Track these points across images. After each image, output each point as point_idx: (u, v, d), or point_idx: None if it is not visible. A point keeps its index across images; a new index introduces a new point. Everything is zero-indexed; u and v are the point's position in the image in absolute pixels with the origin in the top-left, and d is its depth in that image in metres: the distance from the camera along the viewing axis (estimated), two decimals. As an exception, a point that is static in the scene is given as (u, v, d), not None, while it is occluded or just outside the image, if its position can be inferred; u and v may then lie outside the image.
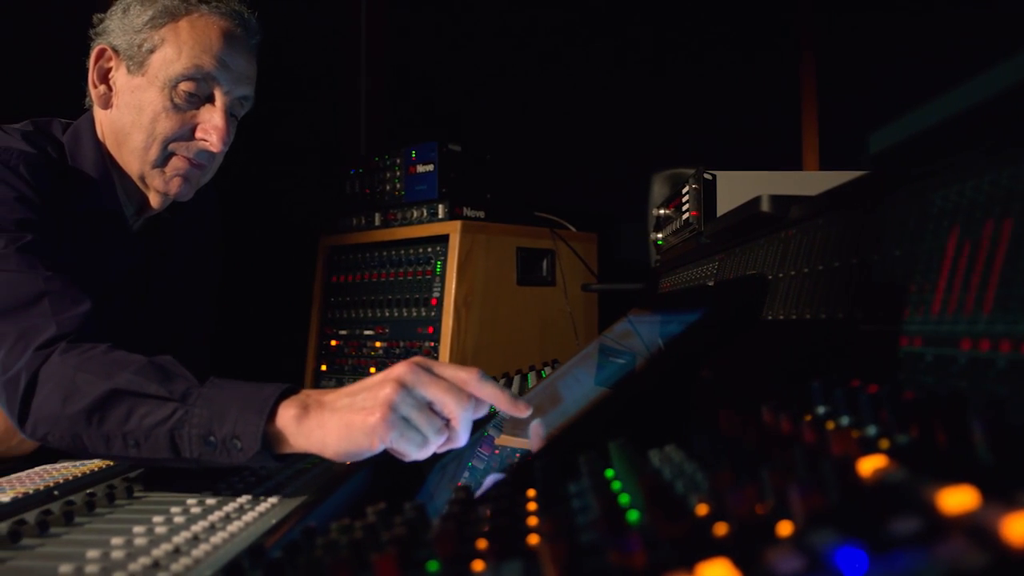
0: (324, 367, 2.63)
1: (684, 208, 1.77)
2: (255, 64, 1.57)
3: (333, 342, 2.62)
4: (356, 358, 2.54)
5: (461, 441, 1.03)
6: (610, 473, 0.69)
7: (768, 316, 1.04)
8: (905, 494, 0.41)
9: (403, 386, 0.99)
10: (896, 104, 2.22)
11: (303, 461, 1.26)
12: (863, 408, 0.59)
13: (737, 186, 1.68)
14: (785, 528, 0.42)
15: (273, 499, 1.06)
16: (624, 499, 0.59)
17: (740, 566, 0.39)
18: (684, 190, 1.78)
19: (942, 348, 0.64)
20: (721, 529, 0.45)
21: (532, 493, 0.69)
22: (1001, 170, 0.63)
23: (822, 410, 0.64)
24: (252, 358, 2.83)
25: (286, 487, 1.13)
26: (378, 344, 2.48)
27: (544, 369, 1.93)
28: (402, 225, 2.49)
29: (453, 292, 2.29)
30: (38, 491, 1.08)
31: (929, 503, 0.39)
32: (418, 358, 1.03)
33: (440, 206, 2.39)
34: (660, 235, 2.13)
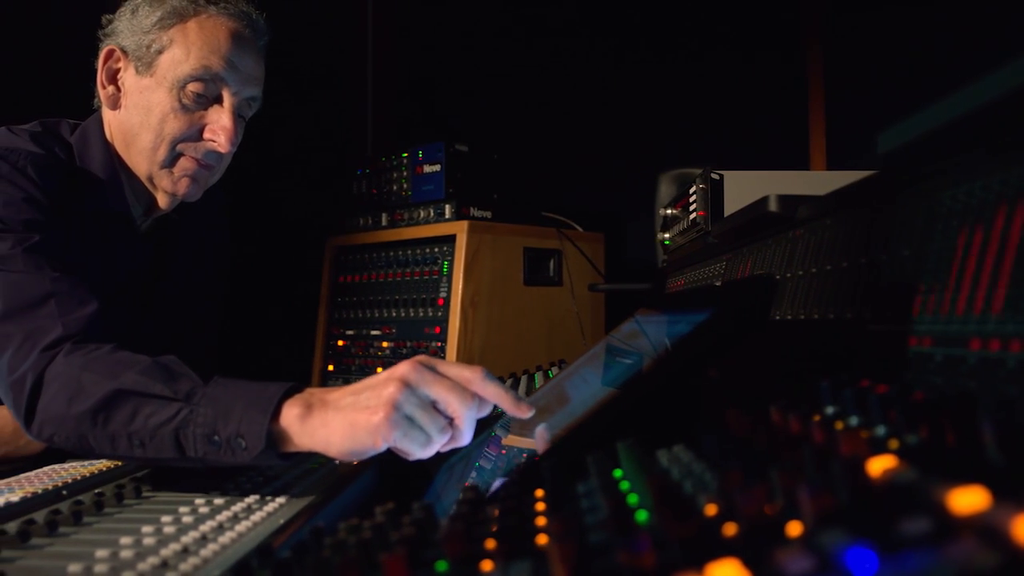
0: (331, 367, 2.64)
1: (691, 208, 1.77)
2: (263, 65, 1.57)
3: (340, 342, 2.62)
4: (363, 358, 2.54)
5: (465, 440, 1.03)
6: (618, 473, 0.69)
7: (776, 316, 1.04)
8: (915, 494, 0.41)
9: (407, 385, 0.99)
10: (904, 103, 2.21)
11: (310, 461, 1.26)
12: (872, 408, 0.59)
13: (744, 186, 1.67)
14: (795, 528, 0.42)
15: (281, 499, 1.06)
16: (633, 499, 0.59)
17: (750, 566, 0.39)
18: (691, 190, 1.78)
19: (952, 348, 0.63)
20: (730, 529, 0.45)
21: (540, 493, 0.69)
22: (1011, 169, 0.63)
23: (831, 410, 0.64)
24: (259, 358, 2.84)
25: (294, 487, 1.13)
26: (385, 344, 2.48)
27: (551, 369, 1.93)
28: (409, 225, 2.49)
29: (460, 292, 2.29)
30: (47, 491, 1.08)
31: (939, 503, 0.39)
32: (422, 357, 1.03)
33: (447, 206, 2.39)
34: (667, 235, 2.12)
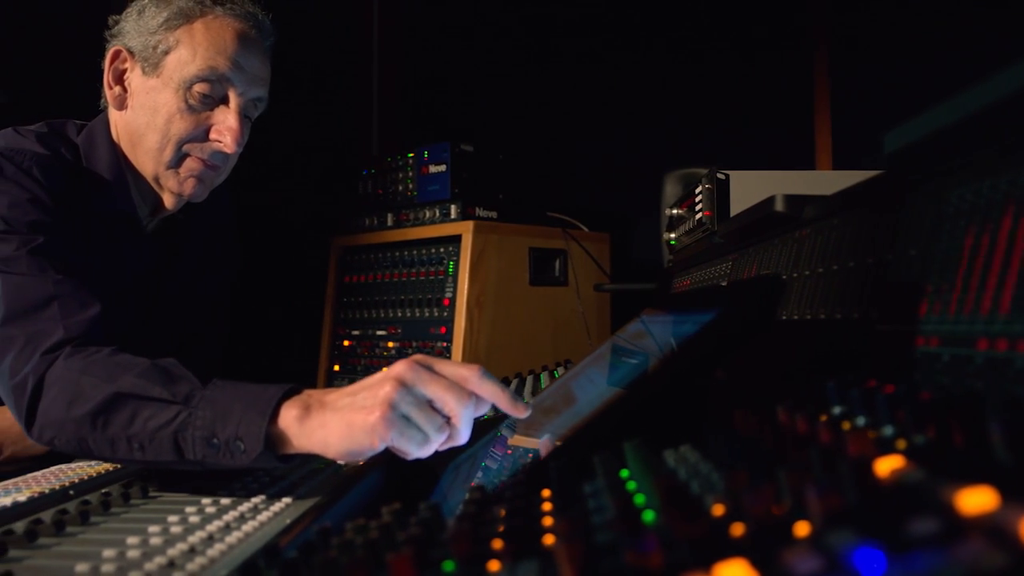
0: (337, 367, 2.64)
1: (697, 208, 1.77)
2: (269, 66, 1.57)
3: (346, 342, 2.63)
4: (369, 358, 2.54)
5: (462, 439, 1.03)
6: (625, 473, 0.69)
7: (783, 316, 1.04)
8: (923, 495, 0.41)
9: (403, 384, 0.99)
10: (910, 103, 2.20)
11: (315, 462, 1.26)
12: (879, 408, 0.59)
13: (750, 186, 1.67)
14: (802, 529, 0.42)
15: (287, 499, 1.06)
16: (640, 499, 0.59)
17: (758, 566, 0.39)
18: (697, 190, 1.77)
19: (959, 348, 0.63)
20: (738, 529, 0.45)
21: (547, 493, 0.69)
22: (1019, 169, 0.63)
23: (838, 410, 0.64)
24: (265, 358, 2.85)
25: (300, 487, 1.13)
26: (391, 344, 2.49)
27: (557, 369, 1.93)
28: (414, 225, 2.49)
29: (465, 292, 2.29)
30: (54, 491, 1.08)
31: (947, 504, 0.39)
32: (419, 356, 1.03)
33: (452, 206, 2.39)
34: (673, 235, 2.12)
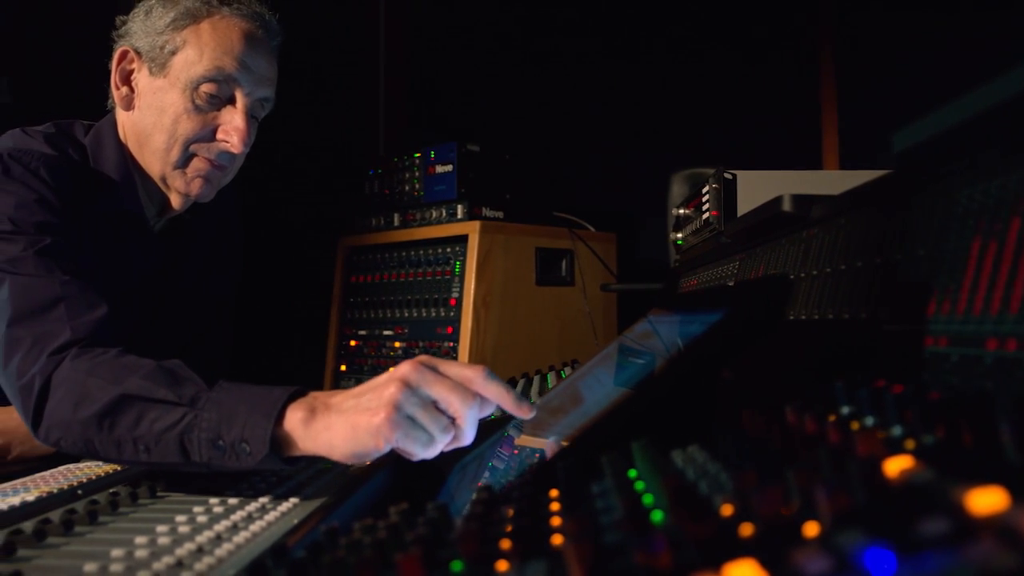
0: (343, 367, 2.64)
1: (704, 208, 1.77)
2: (276, 66, 1.57)
3: (352, 342, 2.63)
4: (375, 358, 2.55)
5: (467, 439, 1.03)
6: (633, 473, 0.69)
7: (790, 316, 1.03)
8: (933, 495, 0.41)
9: (407, 385, 0.99)
10: (916, 103, 2.20)
11: (321, 462, 1.26)
12: (888, 408, 0.58)
13: (757, 186, 1.67)
14: (812, 529, 0.42)
15: (294, 499, 1.06)
16: (648, 499, 0.59)
17: (767, 567, 0.39)
18: (704, 190, 1.77)
19: (968, 348, 0.63)
20: (747, 530, 0.45)
21: (555, 493, 0.69)
22: (1028, 168, 0.62)
23: (846, 410, 0.63)
24: (272, 358, 2.85)
25: (307, 487, 1.13)
26: (397, 344, 2.49)
27: (563, 369, 1.93)
28: (421, 225, 2.49)
29: (472, 292, 2.29)
30: (62, 490, 1.08)
31: (957, 504, 0.39)
32: (423, 357, 1.03)
33: (459, 206, 2.39)
34: (680, 235, 2.12)
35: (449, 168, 2.44)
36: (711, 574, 0.39)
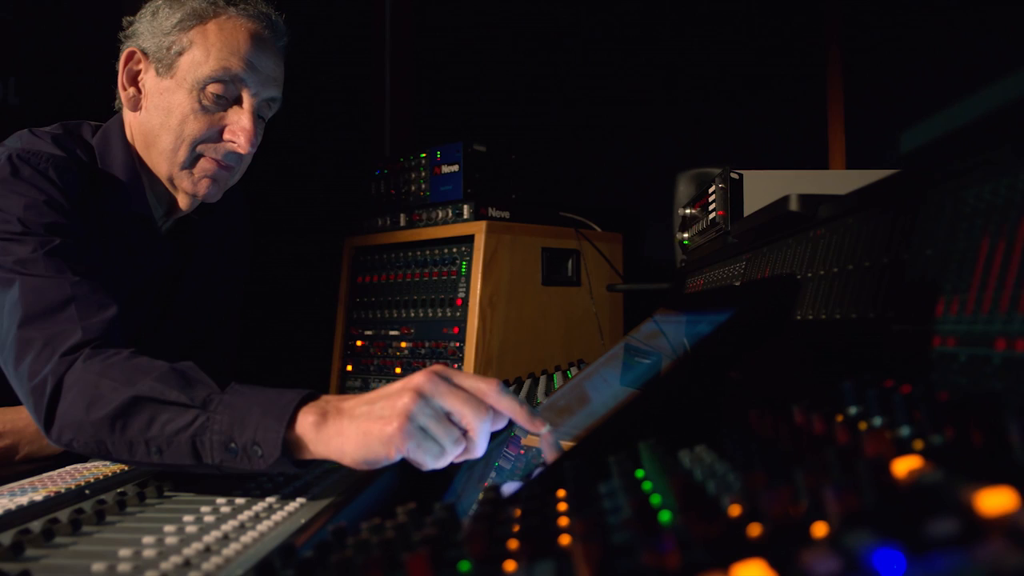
0: (350, 367, 2.65)
1: (710, 208, 1.76)
2: (282, 66, 1.58)
3: (359, 342, 2.63)
4: (381, 358, 2.55)
5: (478, 452, 1.03)
6: (640, 473, 0.69)
7: (797, 316, 1.03)
8: (942, 495, 0.41)
9: (421, 396, 0.98)
10: (926, 102, 2.19)
11: (328, 462, 1.26)
12: (897, 408, 0.58)
13: (763, 185, 1.67)
14: (820, 529, 0.42)
15: (301, 499, 1.06)
16: (656, 499, 0.59)
17: (776, 567, 0.39)
18: (710, 189, 1.77)
19: (976, 348, 0.63)
20: (755, 530, 0.45)
21: (562, 493, 0.68)
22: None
23: (855, 411, 0.63)
24: (278, 358, 2.86)
25: (314, 487, 1.13)
26: (403, 344, 2.49)
27: (570, 369, 1.93)
28: (427, 226, 2.49)
29: (478, 292, 2.29)
30: (70, 490, 1.09)
31: (967, 504, 0.39)
32: (438, 367, 1.03)
33: (465, 206, 2.39)
34: (686, 235, 2.12)
35: (455, 168, 2.45)
36: (719, 574, 0.39)
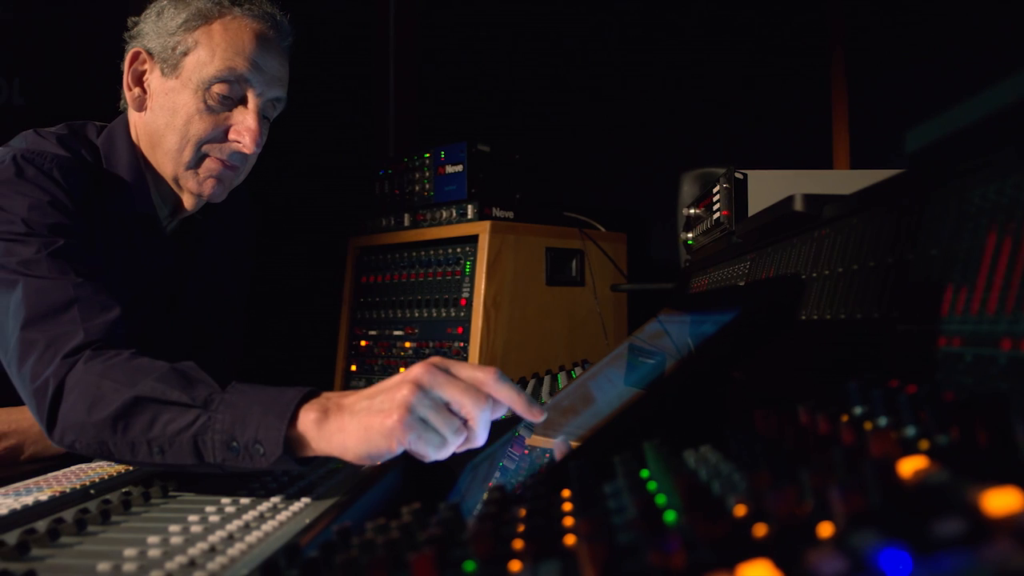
0: (354, 367, 2.65)
1: (715, 207, 1.76)
2: (287, 66, 1.58)
3: (363, 342, 2.63)
4: (386, 358, 2.55)
5: (479, 441, 1.04)
6: (645, 473, 0.69)
7: (802, 316, 1.03)
8: (948, 495, 0.41)
9: (420, 387, 0.99)
10: (931, 101, 2.19)
11: (333, 462, 1.27)
12: (902, 409, 0.58)
13: (768, 185, 1.67)
14: (826, 529, 0.42)
15: (306, 499, 1.06)
16: (661, 499, 0.59)
17: (782, 567, 0.39)
18: (715, 189, 1.77)
19: (982, 348, 0.63)
20: (761, 530, 0.45)
21: (567, 493, 0.68)
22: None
23: (860, 411, 0.63)
24: (282, 358, 2.86)
25: (318, 487, 1.13)
26: (408, 344, 2.49)
27: (574, 369, 1.93)
28: (431, 226, 2.49)
29: (482, 292, 2.29)
30: (75, 490, 1.09)
31: (973, 505, 0.39)
32: (435, 358, 1.03)
33: (469, 206, 2.39)
34: (690, 235, 2.12)
35: (459, 168, 2.45)
36: (725, 574, 0.39)
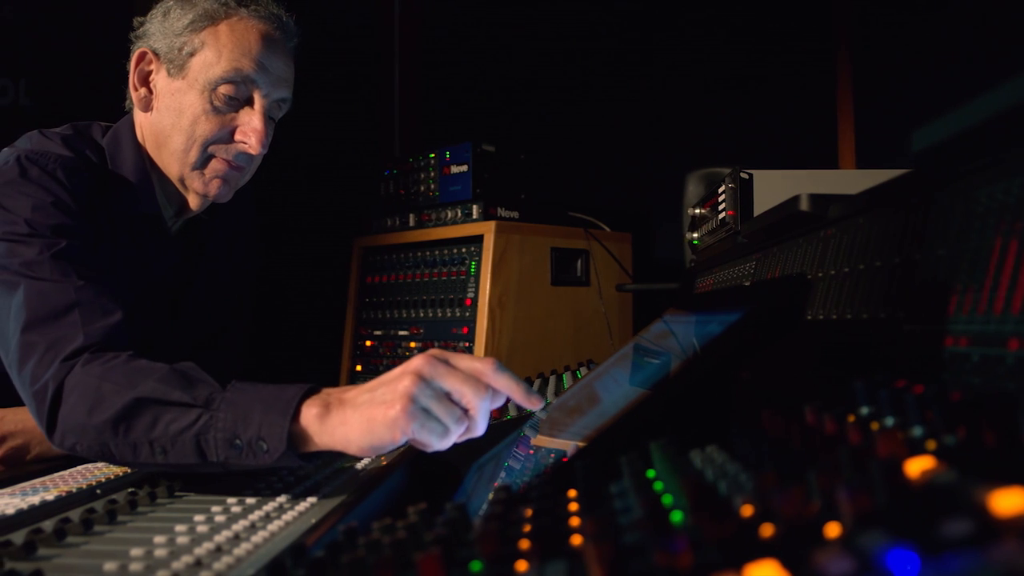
0: (359, 367, 2.65)
1: (720, 207, 1.76)
2: (293, 67, 1.58)
3: (368, 342, 2.63)
4: (391, 358, 2.55)
5: (480, 430, 1.04)
6: (651, 473, 0.69)
7: (808, 316, 1.03)
8: (955, 496, 0.41)
9: (421, 378, 0.99)
10: (937, 101, 2.18)
11: (337, 461, 1.27)
12: (909, 409, 0.58)
13: (773, 185, 1.66)
14: (833, 530, 0.42)
15: (312, 498, 1.06)
16: (667, 500, 0.59)
17: (789, 567, 0.39)
18: (720, 189, 1.77)
19: (989, 348, 0.63)
20: (767, 530, 0.45)
21: (573, 493, 0.68)
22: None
23: (866, 411, 0.63)
24: (287, 358, 2.86)
25: (324, 487, 1.13)
26: (413, 344, 2.49)
27: (579, 369, 1.93)
28: (436, 226, 2.50)
29: (487, 292, 2.29)
30: (81, 490, 1.09)
31: (980, 505, 0.38)
32: (435, 350, 1.04)
33: (474, 206, 2.39)
34: (696, 235, 2.12)
35: (464, 168, 2.45)
36: (732, 574, 0.39)
